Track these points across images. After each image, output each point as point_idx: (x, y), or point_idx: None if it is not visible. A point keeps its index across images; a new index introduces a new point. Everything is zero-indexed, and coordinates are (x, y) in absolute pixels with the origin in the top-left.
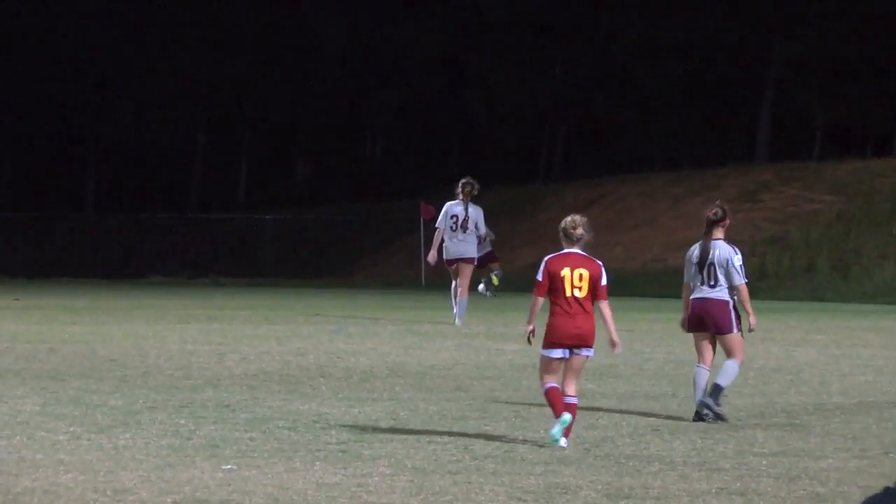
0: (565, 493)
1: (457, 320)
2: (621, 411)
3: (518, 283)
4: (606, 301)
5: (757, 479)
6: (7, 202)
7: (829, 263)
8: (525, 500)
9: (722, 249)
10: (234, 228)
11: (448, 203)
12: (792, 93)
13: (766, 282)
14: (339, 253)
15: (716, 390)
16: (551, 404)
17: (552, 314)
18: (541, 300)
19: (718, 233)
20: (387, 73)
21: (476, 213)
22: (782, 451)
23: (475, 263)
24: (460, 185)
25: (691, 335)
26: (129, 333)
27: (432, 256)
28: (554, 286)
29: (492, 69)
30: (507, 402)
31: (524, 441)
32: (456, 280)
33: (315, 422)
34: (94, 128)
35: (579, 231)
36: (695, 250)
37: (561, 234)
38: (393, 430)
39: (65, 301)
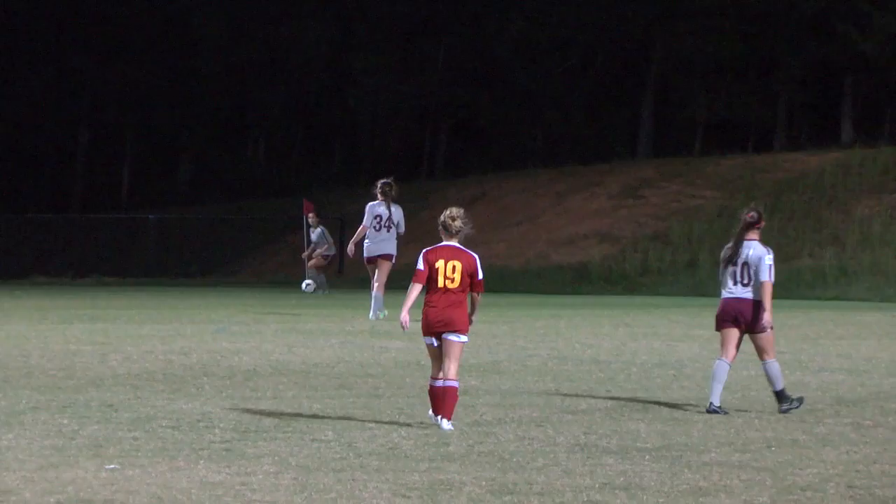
0: (449, 489)
1: (370, 314)
2: (505, 407)
3: (404, 281)
4: (481, 293)
5: (640, 474)
6: None
7: (712, 259)
8: (409, 497)
9: (756, 249)
10: (117, 228)
11: (370, 203)
12: (674, 89)
13: (648, 277)
14: (223, 252)
15: (780, 397)
16: (430, 400)
17: (425, 304)
18: (419, 287)
19: (754, 234)
20: (270, 72)
21: (398, 213)
22: (665, 445)
23: (393, 260)
24: (380, 185)
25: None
26: (11, 334)
27: (350, 249)
28: (429, 276)
29: (374, 68)
30: (390, 399)
31: (408, 438)
32: (373, 278)
33: (199, 421)
34: None
35: (458, 223)
36: (728, 250)
37: (440, 227)
38: (276, 429)
39: None
